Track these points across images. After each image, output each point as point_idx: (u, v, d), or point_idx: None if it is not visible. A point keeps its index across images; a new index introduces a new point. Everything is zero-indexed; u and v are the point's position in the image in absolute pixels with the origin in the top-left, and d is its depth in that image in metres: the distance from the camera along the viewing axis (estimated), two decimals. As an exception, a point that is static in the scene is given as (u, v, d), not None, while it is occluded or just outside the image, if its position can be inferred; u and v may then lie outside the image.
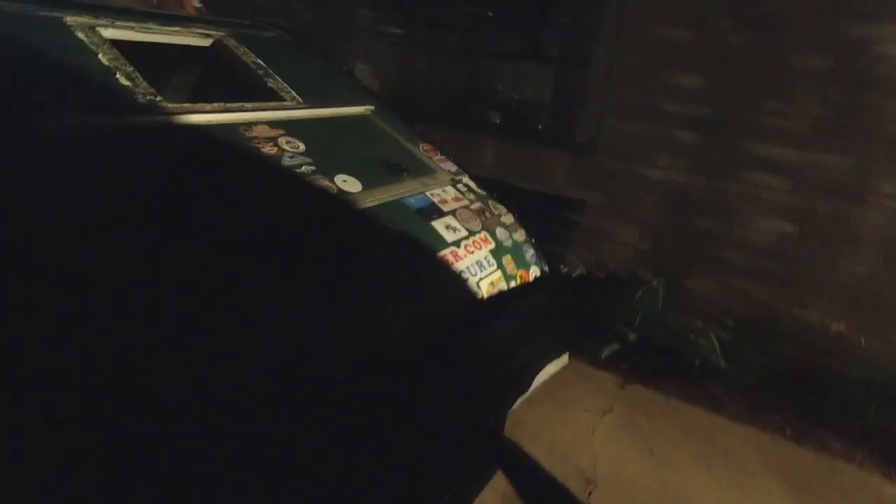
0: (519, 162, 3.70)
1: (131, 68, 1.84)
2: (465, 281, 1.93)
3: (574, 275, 2.43)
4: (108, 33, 1.94)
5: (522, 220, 2.43)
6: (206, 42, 2.30)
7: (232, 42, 2.32)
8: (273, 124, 2.00)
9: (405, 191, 2.08)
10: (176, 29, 2.24)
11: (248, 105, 2.01)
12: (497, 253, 2.15)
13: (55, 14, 1.87)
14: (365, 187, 1.96)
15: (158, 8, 3.51)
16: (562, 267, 2.50)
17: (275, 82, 2.24)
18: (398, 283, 1.72)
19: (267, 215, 1.63)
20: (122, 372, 1.13)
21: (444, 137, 4.04)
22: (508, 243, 2.24)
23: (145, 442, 1.10)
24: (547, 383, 2.24)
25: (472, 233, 2.12)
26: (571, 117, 3.61)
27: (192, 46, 2.28)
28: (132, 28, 2.07)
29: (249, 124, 1.93)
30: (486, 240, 2.15)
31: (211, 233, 1.48)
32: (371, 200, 1.92)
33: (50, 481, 1.01)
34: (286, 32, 2.76)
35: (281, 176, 1.80)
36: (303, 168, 1.87)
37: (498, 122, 3.93)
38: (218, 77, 2.30)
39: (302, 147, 1.97)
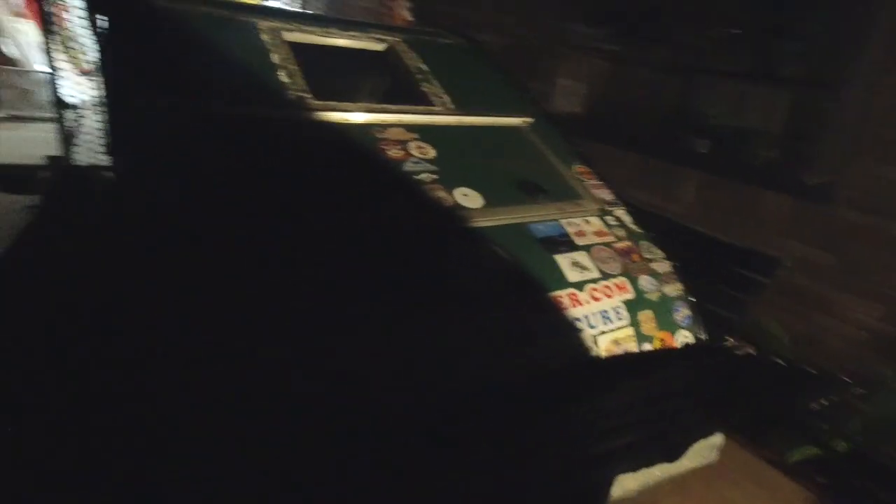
0: (721, 201, 3.07)
1: (295, 67, 1.95)
2: (577, 332, 1.61)
3: (741, 352, 1.86)
4: (289, 36, 2.11)
5: (688, 272, 1.95)
6: (381, 47, 2.36)
7: (403, 47, 2.34)
8: (410, 128, 1.94)
9: (535, 214, 1.83)
10: (355, 34, 2.34)
11: (391, 107, 1.98)
12: (634, 306, 1.75)
13: (252, 19, 2.09)
14: (487, 204, 1.77)
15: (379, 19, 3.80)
16: (732, 338, 1.94)
17: (429, 86, 2.18)
18: (488, 318, 1.49)
19: (367, 219, 1.56)
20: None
21: (638, 164, 3.61)
22: (654, 296, 1.82)
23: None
24: (692, 468, 1.76)
25: (605, 276, 1.76)
26: (804, 154, 2.86)
27: (368, 50, 2.36)
28: (313, 32, 2.22)
29: (384, 126, 1.90)
30: (622, 287, 1.77)
31: (310, 230, 1.46)
32: (489, 220, 1.72)
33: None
34: (468, 40, 2.70)
35: (394, 180, 1.72)
36: (422, 175, 1.76)
37: (706, 151, 3.33)
38: (385, 80, 2.34)
39: (432, 154, 1.87)
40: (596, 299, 1.69)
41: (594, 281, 1.73)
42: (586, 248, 1.81)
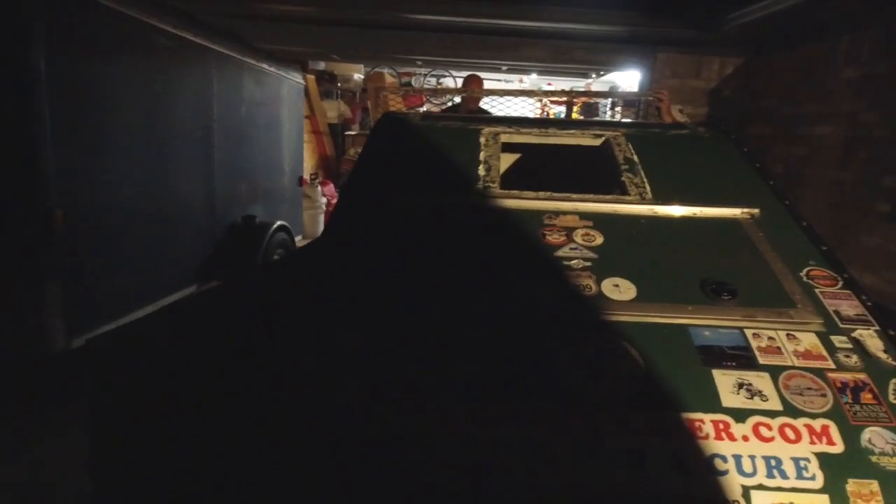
0: None
1: (496, 161, 2.17)
2: (714, 473, 1.19)
3: None
4: (505, 137, 2.36)
5: None
6: (597, 142, 2.37)
7: (621, 140, 2.29)
8: (585, 215, 1.87)
9: (707, 318, 1.48)
10: (573, 132, 2.43)
11: (573, 196, 1.96)
12: (839, 466, 1.19)
13: (479, 127, 2.43)
14: (639, 298, 1.54)
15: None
16: None
17: (630, 177, 2.06)
18: (583, 426, 1.27)
19: (491, 303, 1.57)
20: None
21: None
22: (889, 463, 1.19)
23: None
24: None
25: (793, 412, 1.26)
26: None
27: (584, 146, 2.41)
28: (530, 133, 2.41)
29: (558, 213, 1.89)
30: (820, 434, 1.23)
31: (441, 310, 1.56)
32: (634, 315, 1.49)
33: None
34: (711, 131, 2.43)
35: (540, 264, 1.69)
36: (574, 261, 1.67)
37: None
38: (598, 174, 2.32)
39: (598, 241, 1.75)
40: (763, 439, 1.23)
41: (768, 414, 1.26)
42: (773, 369, 1.35)
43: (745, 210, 1.87)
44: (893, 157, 3.97)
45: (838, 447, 1.21)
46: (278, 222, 4.82)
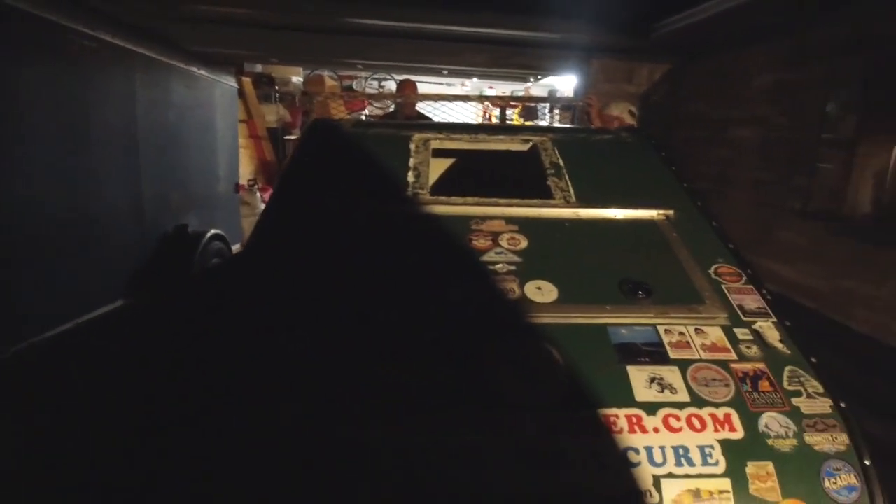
0: None
1: (425, 168, 2.19)
2: (628, 465, 1.25)
3: None
4: (435, 143, 2.38)
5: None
6: (525, 146, 2.44)
7: (547, 145, 2.36)
8: (511, 220, 1.92)
9: (623, 317, 1.55)
10: (502, 137, 2.49)
11: (501, 200, 2.01)
12: (740, 450, 1.28)
13: (410, 133, 2.45)
14: (561, 300, 1.59)
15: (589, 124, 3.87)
16: None
17: (555, 181, 2.13)
18: (501, 426, 1.31)
19: (429, 306, 1.59)
20: None
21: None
22: (783, 445, 1.28)
23: None
24: None
25: (699, 402, 1.35)
26: None
27: (514, 151, 2.47)
28: (460, 139, 2.45)
29: (485, 217, 1.93)
30: (723, 421, 1.31)
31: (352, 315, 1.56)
32: (555, 317, 1.54)
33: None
34: (633, 136, 2.54)
35: (465, 269, 1.72)
36: (498, 265, 1.71)
37: None
38: (524, 178, 2.38)
39: (523, 245, 1.80)
40: (672, 429, 1.30)
41: (677, 405, 1.34)
42: (682, 363, 1.43)
43: (661, 211, 1.97)
44: (803, 159, 4.28)
45: (739, 433, 1.30)
46: (213, 231, 4.65)
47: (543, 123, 8.53)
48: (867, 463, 1.27)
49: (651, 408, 1.33)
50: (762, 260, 4.46)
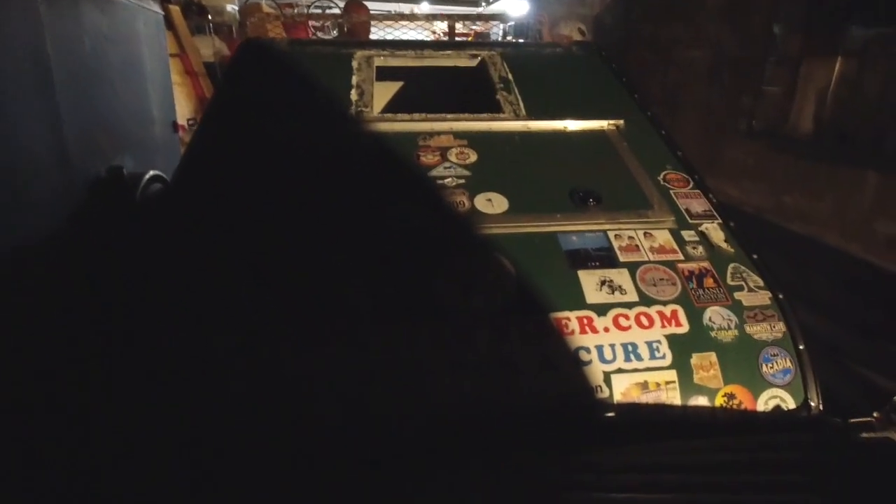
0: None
1: (369, 86, 2.07)
2: (579, 364, 1.28)
3: (876, 435, 1.16)
4: (379, 61, 2.25)
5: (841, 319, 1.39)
6: (474, 62, 2.34)
7: (496, 60, 2.27)
8: (459, 135, 1.85)
9: (573, 224, 1.54)
10: (449, 53, 2.37)
11: (448, 116, 1.93)
12: (685, 344, 1.32)
13: (351, 50, 2.30)
14: (511, 211, 1.57)
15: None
16: (879, 416, 1.24)
17: (504, 95, 2.06)
18: (452, 335, 1.30)
19: (376, 221, 1.54)
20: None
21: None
22: (725, 336, 1.33)
23: None
24: None
25: (647, 301, 1.37)
26: None
27: (462, 67, 2.36)
28: (405, 56, 2.32)
29: (433, 133, 1.86)
30: (670, 318, 1.35)
31: (327, 230, 1.50)
32: (505, 227, 1.52)
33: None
34: (584, 48, 2.47)
35: (413, 184, 1.66)
36: (447, 180, 1.66)
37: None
38: (474, 93, 2.29)
39: (472, 159, 1.75)
40: (622, 328, 1.32)
41: (626, 305, 1.36)
42: (631, 265, 1.44)
43: (612, 122, 1.95)
44: (750, 79, 4.32)
45: (684, 328, 1.34)
46: (151, 172, 4.37)
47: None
48: (801, 348, 1.33)
49: (601, 309, 1.35)
50: (710, 181, 4.57)
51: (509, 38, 7.00)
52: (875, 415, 1.26)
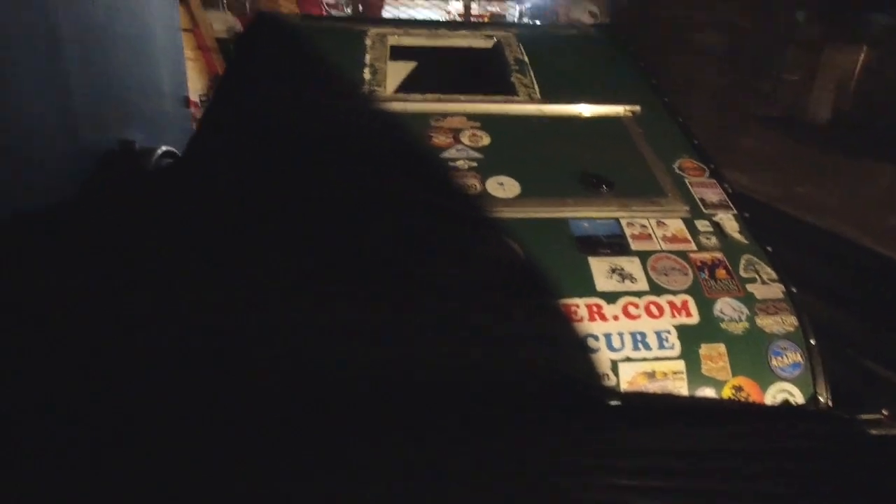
0: None
1: (382, 64, 2.05)
2: (587, 351, 1.27)
3: (882, 431, 1.16)
4: (392, 40, 2.22)
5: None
6: (489, 43, 2.30)
7: (511, 41, 2.23)
8: (473, 117, 1.83)
9: (586, 210, 1.52)
10: (463, 33, 2.34)
11: (462, 97, 1.91)
12: (694, 334, 1.31)
13: (364, 28, 2.26)
14: (523, 195, 1.55)
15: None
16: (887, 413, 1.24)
17: (519, 77, 2.03)
18: (457, 315, 1.30)
19: (386, 203, 1.53)
20: None
21: None
22: (735, 328, 1.32)
23: None
24: None
25: (657, 290, 1.36)
26: None
27: (477, 48, 2.32)
28: (419, 35, 2.29)
29: (446, 115, 1.83)
30: (680, 308, 1.34)
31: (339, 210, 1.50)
32: (517, 211, 1.50)
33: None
34: (600, 32, 2.43)
35: (426, 165, 1.65)
36: (459, 162, 1.65)
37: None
38: (489, 75, 2.26)
39: (485, 142, 1.73)
40: (631, 317, 1.32)
41: (636, 294, 1.35)
42: (642, 254, 1.43)
43: (627, 108, 1.91)
44: (768, 65, 4.23)
45: (694, 318, 1.33)
46: (163, 147, 4.36)
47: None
48: (812, 342, 1.32)
49: (611, 297, 1.34)
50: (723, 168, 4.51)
51: (525, 19, 6.88)
52: (884, 411, 1.26)
